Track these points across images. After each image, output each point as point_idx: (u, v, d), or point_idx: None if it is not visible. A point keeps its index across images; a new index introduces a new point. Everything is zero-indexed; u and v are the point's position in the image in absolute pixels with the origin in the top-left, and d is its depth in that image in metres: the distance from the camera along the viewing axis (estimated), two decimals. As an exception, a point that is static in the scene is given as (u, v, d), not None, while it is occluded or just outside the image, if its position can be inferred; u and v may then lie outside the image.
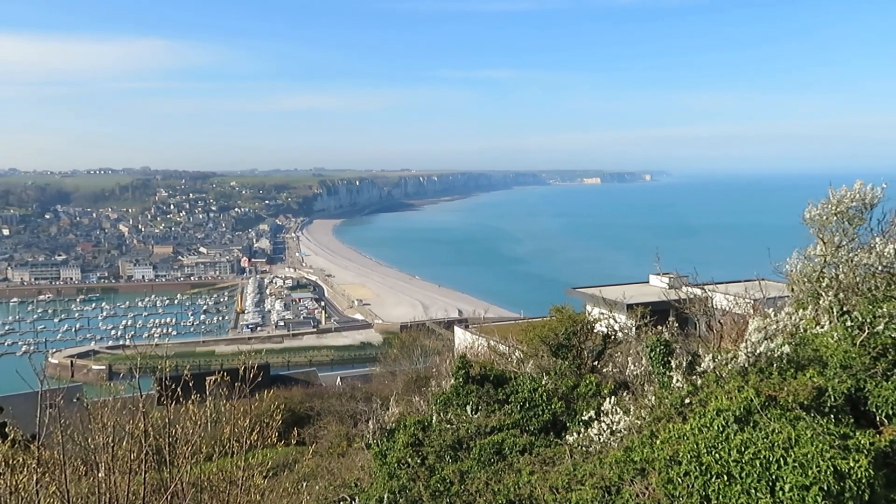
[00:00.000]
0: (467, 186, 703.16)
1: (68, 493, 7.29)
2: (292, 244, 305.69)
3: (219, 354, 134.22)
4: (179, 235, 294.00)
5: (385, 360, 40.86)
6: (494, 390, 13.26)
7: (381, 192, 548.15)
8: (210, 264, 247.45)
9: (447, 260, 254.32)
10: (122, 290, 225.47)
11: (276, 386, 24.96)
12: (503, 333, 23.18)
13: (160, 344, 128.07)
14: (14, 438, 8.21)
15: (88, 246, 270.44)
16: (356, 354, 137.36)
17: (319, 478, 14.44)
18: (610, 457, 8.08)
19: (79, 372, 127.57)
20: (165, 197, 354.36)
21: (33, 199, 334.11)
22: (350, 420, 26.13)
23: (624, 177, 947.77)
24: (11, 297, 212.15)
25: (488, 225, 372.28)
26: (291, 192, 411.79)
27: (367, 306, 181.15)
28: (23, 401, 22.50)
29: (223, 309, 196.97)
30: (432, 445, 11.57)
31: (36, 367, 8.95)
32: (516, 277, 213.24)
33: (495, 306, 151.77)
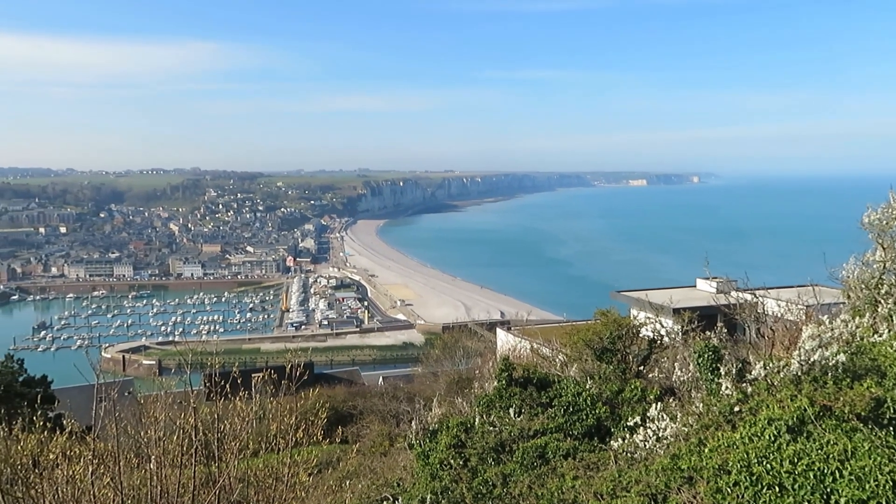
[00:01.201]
0: (511, 188, 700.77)
1: (122, 485, 7.50)
2: (336, 244, 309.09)
3: (264, 352, 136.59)
4: (227, 234, 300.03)
5: (427, 361, 40.95)
6: (538, 393, 13.16)
7: (424, 192, 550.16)
8: (256, 263, 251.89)
9: (490, 261, 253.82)
10: (171, 287, 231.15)
11: (319, 384, 25.24)
12: (546, 336, 23.01)
13: (208, 341, 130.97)
14: (71, 430, 8.49)
15: (140, 244, 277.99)
16: (398, 354, 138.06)
17: (362, 476, 14.55)
18: (656, 464, 7.94)
19: (130, 366, 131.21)
20: (214, 197, 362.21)
21: (89, 198, 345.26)
22: (392, 420, 26.28)
23: (671, 178, 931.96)
24: (68, 292, 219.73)
25: (532, 226, 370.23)
26: (336, 193, 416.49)
27: (409, 306, 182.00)
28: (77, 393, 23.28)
29: (269, 307, 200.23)
30: (475, 447, 11.55)
31: (91, 361, 9.23)
32: (560, 280, 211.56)
33: (538, 308, 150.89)
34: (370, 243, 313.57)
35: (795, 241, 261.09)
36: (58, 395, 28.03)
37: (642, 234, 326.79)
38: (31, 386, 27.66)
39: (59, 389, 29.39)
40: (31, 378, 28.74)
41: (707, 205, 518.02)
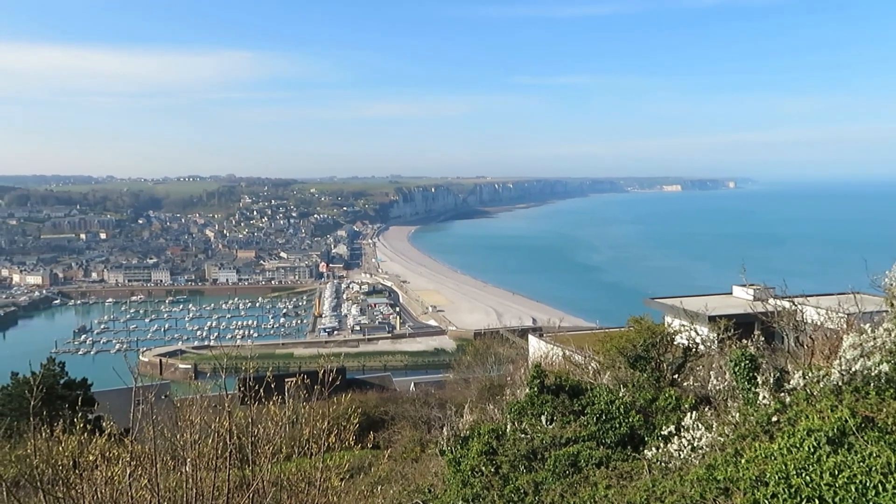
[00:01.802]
0: (543, 193, 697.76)
1: (158, 487, 7.63)
2: (369, 250, 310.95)
3: (297, 357, 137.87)
4: (262, 240, 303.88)
5: (458, 367, 40.91)
6: (570, 401, 13.06)
7: (456, 199, 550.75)
8: (290, 269, 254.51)
9: (521, 267, 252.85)
10: (207, 292, 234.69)
11: (352, 389, 25.39)
12: (579, 343, 22.84)
13: (242, 345, 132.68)
14: (110, 432, 8.67)
15: (177, 250, 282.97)
16: (430, 360, 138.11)
17: (394, 482, 14.58)
18: (691, 474, 7.81)
19: (167, 370, 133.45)
20: (249, 203, 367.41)
21: (128, 204, 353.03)
22: (424, 426, 26.29)
23: (706, 184, 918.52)
24: (107, 297, 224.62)
25: (564, 232, 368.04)
26: (368, 199, 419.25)
27: (440, 312, 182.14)
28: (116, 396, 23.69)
29: (302, 312, 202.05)
30: (506, 454, 11.50)
31: (130, 365, 9.42)
32: (592, 286, 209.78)
33: (570, 315, 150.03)
34: (402, 249, 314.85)
35: (835, 247, 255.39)
36: (97, 398, 28.66)
37: (676, 240, 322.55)
38: (72, 388, 28.36)
39: (99, 392, 30.02)
40: (71, 381, 29.45)
41: (743, 210, 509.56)
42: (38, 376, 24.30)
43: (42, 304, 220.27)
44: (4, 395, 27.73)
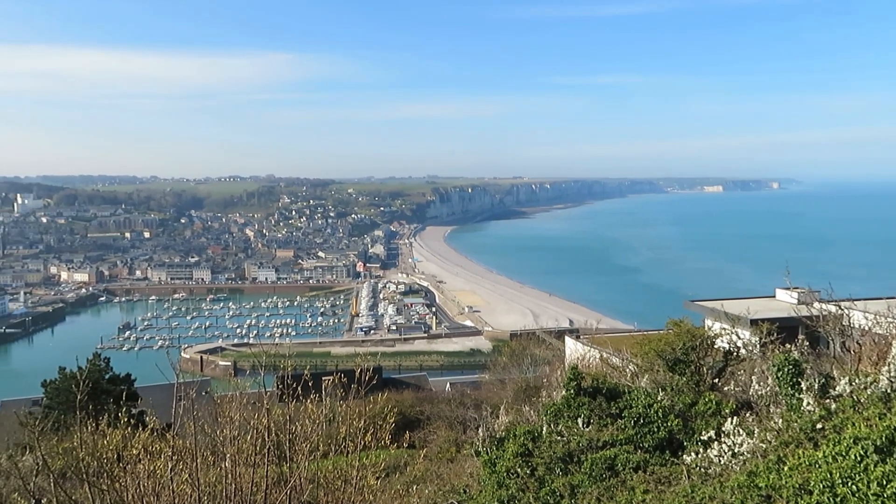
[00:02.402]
0: (580, 194, 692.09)
1: (199, 481, 7.77)
2: (405, 250, 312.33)
3: (334, 356, 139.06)
4: (300, 240, 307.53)
5: (494, 368, 40.79)
6: (607, 404, 12.93)
7: (492, 199, 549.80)
8: (327, 268, 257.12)
9: (559, 269, 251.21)
10: (246, 291, 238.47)
11: (388, 389, 25.53)
12: (616, 345, 22.59)
13: (281, 343, 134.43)
14: (153, 427, 8.87)
15: (218, 249, 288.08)
16: (465, 361, 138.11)
17: (429, 482, 14.62)
18: (732, 481, 7.66)
19: (207, 367, 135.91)
20: (288, 203, 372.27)
21: (171, 204, 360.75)
22: (459, 426, 26.28)
23: (748, 185, 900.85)
24: (150, 295, 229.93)
25: (602, 233, 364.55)
26: (405, 199, 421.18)
27: (477, 313, 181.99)
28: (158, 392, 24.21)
29: (339, 312, 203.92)
30: (542, 457, 11.43)
31: (172, 361, 9.63)
32: (630, 288, 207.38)
33: (608, 317, 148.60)
34: (438, 249, 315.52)
35: (885, 249, 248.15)
36: (140, 393, 29.36)
37: (718, 241, 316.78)
38: (116, 383, 29.06)
39: (142, 387, 30.73)
40: (116, 376, 30.20)
41: (787, 212, 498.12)
42: (84, 371, 24.97)
43: (88, 301, 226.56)
44: (52, 388, 28.57)
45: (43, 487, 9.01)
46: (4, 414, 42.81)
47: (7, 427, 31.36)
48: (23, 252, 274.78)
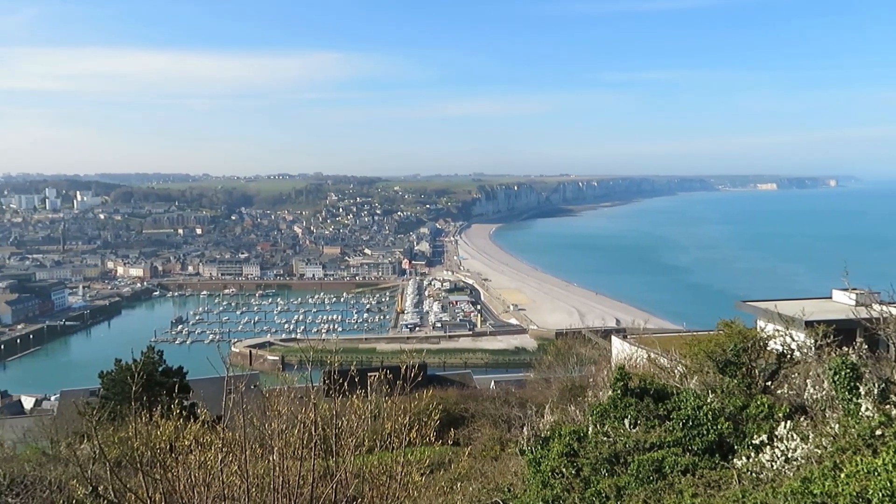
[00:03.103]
0: (628, 192, 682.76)
1: (247, 473, 7.93)
2: (451, 248, 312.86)
3: (379, 352, 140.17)
4: (347, 237, 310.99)
5: (539, 367, 40.56)
6: (654, 405, 12.71)
7: (539, 197, 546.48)
8: (373, 265, 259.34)
9: (605, 267, 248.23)
10: (294, 287, 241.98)
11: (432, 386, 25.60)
12: (664, 346, 22.19)
13: (327, 339, 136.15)
14: (204, 419, 9.08)
15: (267, 245, 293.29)
16: (510, 359, 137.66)
17: (473, 479, 14.61)
18: (785, 487, 7.45)
19: (256, 361, 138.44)
20: (335, 200, 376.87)
21: (222, 201, 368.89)
22: (504, 424, 26.21)
23: (804, 182, 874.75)
24: (202, 290, 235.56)
25: (650, 232, 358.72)
26: (451, 197, 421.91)
27: (522, 311, 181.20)
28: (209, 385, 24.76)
29: (384, 308, 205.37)
30: (588, 457, 11.31)
31: (222, 355, 9.83)
32: (679, 288, 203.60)
33: (656, 317, 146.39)
34: (484, 247, 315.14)
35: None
36: (191, 386, 30.07)
37: (771, 241, 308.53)
38: (169, 376, 29.84)
39: (193, 380, 31.44)
40: (168, 368, 31.01)
41: (845, 210, 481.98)
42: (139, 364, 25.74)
43: (143, 296, 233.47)
44: (109, 379, 29.51)
45: (99, 475, 9.33)
46: (64, 403, 44.51)
47: (67, 416, 32.59)
48: (82, 247, 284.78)
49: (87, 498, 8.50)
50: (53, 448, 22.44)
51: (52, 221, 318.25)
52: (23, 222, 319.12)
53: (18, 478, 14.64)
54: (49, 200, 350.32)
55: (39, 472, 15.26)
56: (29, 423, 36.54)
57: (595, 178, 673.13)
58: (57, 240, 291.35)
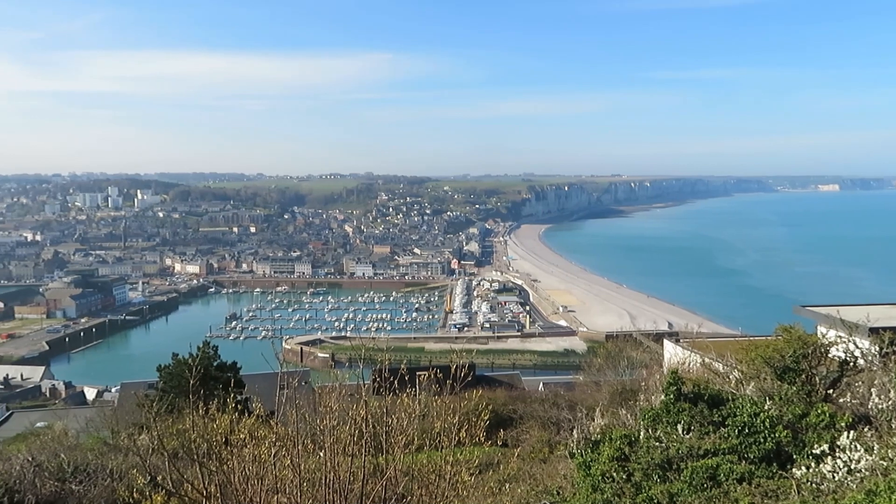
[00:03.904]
0: (682, 192, 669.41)
1: (299, 468, 8.06)
2: (500, 248, 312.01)
3: (428, 351, 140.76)
4: (396, 236, 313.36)
5: (589, 369, 40.02)
6: (709, 411, 12.40)
7: (590, 197, 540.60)
8: (423, 265, 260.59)
9: (658, 269, 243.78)
10: (345, 285, 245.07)
11: (481, 386, 25.55)
12: (719, 350, 21.67)
13: (376, 337, 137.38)
14: (258, 414, 9.27)
15: (318, 244, 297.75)
16: (559, 361, 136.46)
17: (522, 481, 14.53)
18: (848, 499, 7.18)
19: (306, 358, 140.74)
20: (385, 200, 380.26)
21: (275, 200, 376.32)
22: (553, 427, 25.98)
23: (869, 183, 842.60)
24: (255, 287, 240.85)
25: (704, 234, 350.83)
26: (501, 197, 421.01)
27: (571, 313, 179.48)
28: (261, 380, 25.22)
29: (433, 308, 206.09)
30: (639, 462, 11.11)
31: (276, 351, 10.03)
32: (735, 291, 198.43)
33: (710, 321, 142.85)
34: (533, 248, 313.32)
35: None
36: (245, 381, 30.70)
37: (833, 244, 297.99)
38: (224, 371, 30.48)
39: (246, 375, 32.10)
40: (223, 363, 31.65)
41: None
42: (195, 358, 26.42)
43: (199, 292, 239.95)
44: (166, 373, 30.31)
45: (157, 465, 9.62)
46: (124, 395, 45.98)
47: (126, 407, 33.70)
48: (141, 244, 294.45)
49: (146, 487, 8.78)
50: (114, 438, 23.23)
51: (115, 219, 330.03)
52: (87, 220, 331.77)
53: (82, 465, 15.20)
54: (111, 199, 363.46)
55: (101, 461, 15.82)
56: (91, 413, 37.91)
57: (647, 178, 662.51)
58: (118, 237, 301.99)
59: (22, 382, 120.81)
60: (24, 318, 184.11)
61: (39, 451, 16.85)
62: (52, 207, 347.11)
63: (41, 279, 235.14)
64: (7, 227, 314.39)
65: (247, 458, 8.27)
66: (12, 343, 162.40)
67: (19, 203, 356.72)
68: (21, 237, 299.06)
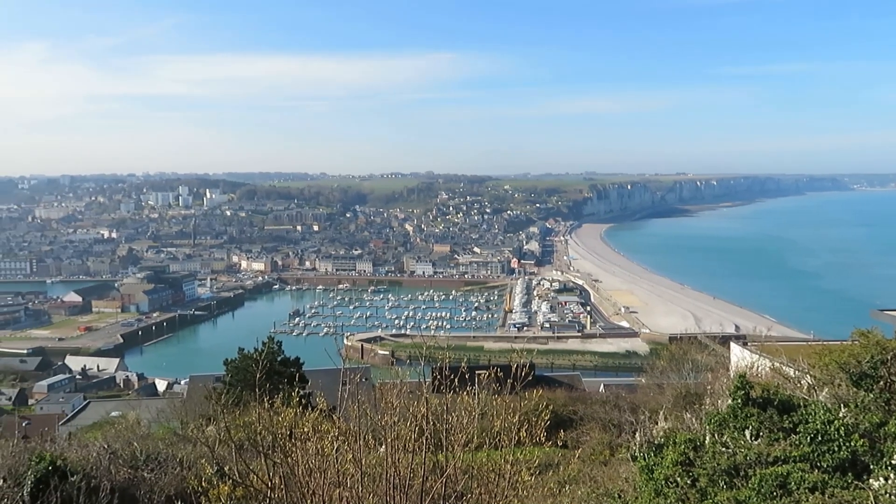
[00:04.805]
0: (751, 191, 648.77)
1: (361, 462, 8.17)
2: (560, 247, 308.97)
3: (487, 350, 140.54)
4: (456, 235, 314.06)
5: (651, 372, 39.25)
6: (779, 417, 11.97)
7: (653, 196, 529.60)
8: (482, 264, 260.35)
9: (724, 270, 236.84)
10: (405, 283, 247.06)
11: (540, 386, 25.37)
12: (790, 355, 20.91)
13: (436, 336, 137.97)
14: (321, 408, 9.45)
15: (379, 242, 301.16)
16: (620, 363, 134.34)
17: (582, 483, 14.36)
18: (930, 513, 6.82)
19: (367, 355, 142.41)
20: (445, 199, 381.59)
21: (337, 199, 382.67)
22: (614, 429, 25.59)
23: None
24: (317, 284, 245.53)
25: (775, 234, 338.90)
26: (562, 196, 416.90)
27: (633, 314, 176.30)
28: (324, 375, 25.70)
29: (492, 307, 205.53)
30: (704, 467, 10.82)
31: (339, 347, 10.18)
32: (807, 293, 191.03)
33: (780, 324, 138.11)
34: (594, 247, 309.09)
35: None
36: (307, 376, 31.35)
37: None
38: (287, 366, 31.23)
39: (308, 370, 32.78)
40: (286, 359, 32.43)
41: None
42: (260, 353, 27.13)
43: (264, 289, 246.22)
44: (233, 367, 31.23)
45: (224, 456, 9.91)
46: (193, 387, 47.58)
47: (195, 399, 34.86)
48: (210, 242, 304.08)
49: (213, 476, 9.06)
50: (183, 429, 24.04)
51: (185, 217, 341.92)
52: (159, 218, 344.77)
53: (153, 454, 15.80)
54: (182, 198, 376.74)
55: (171, 451, 16.41)
56: (162, 404, 39.34)
57: (714, 176, 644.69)
58: (188, 234, 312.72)
59: (98, 373, 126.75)
60: (101, 312, 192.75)
61: (114, 440, 17.61)
62: (126, 206, 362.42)
63: (116, 275, 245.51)
64: (86, 225, 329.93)
65: (310, 451, 8.44)
66: (90, 335, 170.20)
67: (97, 202, 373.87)
68: (98, 234, 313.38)
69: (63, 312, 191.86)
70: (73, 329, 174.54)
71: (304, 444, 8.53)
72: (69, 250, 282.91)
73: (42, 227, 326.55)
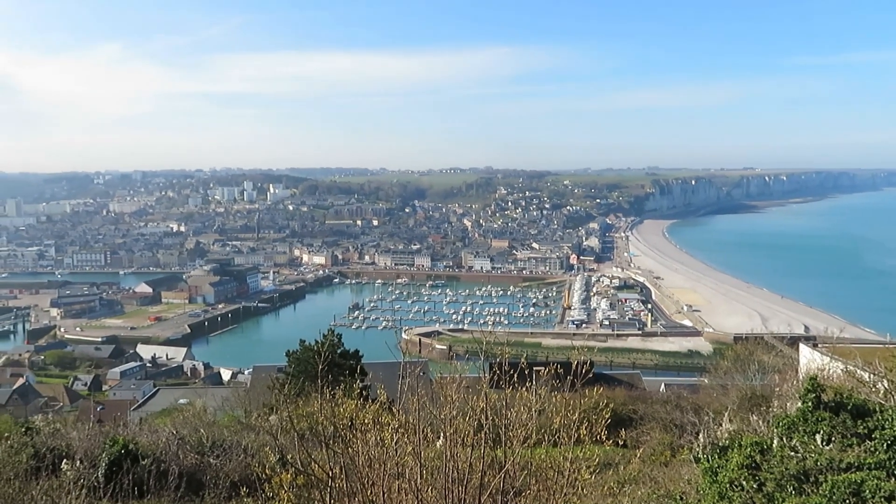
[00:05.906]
0: (823, 187, 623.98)
1: (420, 455, 8.23)
2: (621, 244, 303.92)
3: (545, 347, 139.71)
4: (515, 231, 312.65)
5: (715, 372, 38.26)
6: (852, 422, 11.49)
7: (718, 192, 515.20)
8: (541, 260, 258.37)
9: (793, 269, 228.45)
10: (463, 278, 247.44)
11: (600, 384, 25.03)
12: (865, 357, 20.04)
13: (493, 331, 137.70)
14: (381, 401, 9.57)
15: (438, 237, 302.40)
16: (682, 362, 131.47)
17: (642, 484, 14.12)
18: None
19: (425, 349, 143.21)
20: (504, 194, 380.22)
21: (397, 194, 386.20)
22: (676, 430, 25.05)
23: None
24: (376, 278, 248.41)
25: (849, 231, 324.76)
26: (623, 192, 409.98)
27: (696, 313, 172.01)
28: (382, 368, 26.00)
29: (551, 303, 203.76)
30: (772, 472, 10.47)
31: (398, 341, 10.28)
32: (884, 294, 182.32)
33: (854, 325, 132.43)
34: (656, 244, 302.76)
35: None
36: (367, 369, 31.80)
37: None
38: (347, 358, 31.72)
39: (367, 363, 33.23)
40: (346, 351, 32.95)
41: None
42: (321, 345, 27.63)
43: (324, 282, 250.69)
44: (295, 358, 31.92)
45: (286, 445, 10.14)
46: (256, 377, 48.90)
47: (258, 389, 35.80)
48: (273, 236, 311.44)
49: (276, 464, 9.29)
50: (247, 417, 24.72)
51: (249, 211, 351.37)
52: (225, 212, 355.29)
53: (219, 441, 16.32)
54: (246, 192, 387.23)
55: (236, 438, 16.91)
56: (226, 393, 40.58)
57: (783, 171, 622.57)
58: (252, 228, 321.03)
59: (167, 362, 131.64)
60: (170, 303, 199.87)
61: (182, 426, 18.26)
62: (194, 200, 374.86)
63: (184, 267, 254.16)
64: (156, 219, 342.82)
65: (370, 442, 8.55)
66: (159, 325, 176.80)
67: (166, 196, 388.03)
68: (168, 228, 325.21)
69: (135, 303, 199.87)
70: (143, 319, 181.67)
71: (365, 436, 8.64)
72: (140, 243, 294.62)
73: (116, 220, 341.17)
